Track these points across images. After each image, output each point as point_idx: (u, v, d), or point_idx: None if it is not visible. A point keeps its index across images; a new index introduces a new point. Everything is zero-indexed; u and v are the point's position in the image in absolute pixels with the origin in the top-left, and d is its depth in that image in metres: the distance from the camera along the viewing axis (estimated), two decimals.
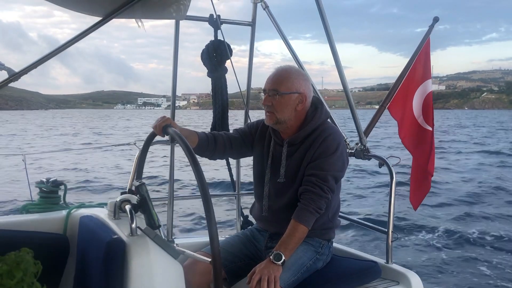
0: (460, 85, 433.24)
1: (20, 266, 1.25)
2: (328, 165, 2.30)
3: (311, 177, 2.29)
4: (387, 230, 2.67)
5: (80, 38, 2.28)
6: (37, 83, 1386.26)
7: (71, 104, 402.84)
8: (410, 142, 3.26)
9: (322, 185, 2.26)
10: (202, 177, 1.65)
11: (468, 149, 25.13)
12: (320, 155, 2.31)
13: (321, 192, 2.26)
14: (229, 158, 2.92)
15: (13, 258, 1.24)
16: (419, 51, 3.30)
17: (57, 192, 2.55)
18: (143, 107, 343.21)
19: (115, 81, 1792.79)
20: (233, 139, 2.55)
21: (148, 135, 2.28)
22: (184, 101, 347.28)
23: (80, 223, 2.10)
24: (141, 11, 2.27)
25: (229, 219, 7.29)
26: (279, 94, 2.33)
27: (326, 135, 2.35)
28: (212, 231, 1.58)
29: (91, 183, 13.24)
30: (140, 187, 1.89)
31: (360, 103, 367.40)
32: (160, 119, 2.21)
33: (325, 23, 2.81)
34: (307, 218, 2.23)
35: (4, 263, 1.23)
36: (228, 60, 2.99)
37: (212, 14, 2.91)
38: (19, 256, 1.26)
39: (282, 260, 2.13)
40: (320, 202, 2.25)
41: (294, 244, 2.21)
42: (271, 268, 2.11)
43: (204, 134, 2.48)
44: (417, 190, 3.33)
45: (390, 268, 2.61)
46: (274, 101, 2.34)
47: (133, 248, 1.74)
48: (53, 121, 78.23)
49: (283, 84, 2.34)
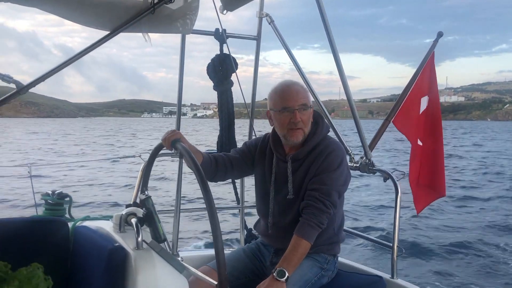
0: (475, 96, 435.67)
1: (31, 282, 1.25)
2: (331, 180, 2.30)
3: (314, 191, 2.28)
4: (392, 245, 2.65)
5: (88, 52, 2.30)
6: (52, 91, 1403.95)
7: (99, 113, 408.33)
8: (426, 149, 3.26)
9: (324, 200, 2.26)
10: (209, 193, 1.65)
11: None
12: (323, 170, 2.32)
13: (323, 207, 2.25)
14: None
15: (24, 274, 1.24)
16: (423, 64, 3.30)
17: (62, 204, 2.55)
18: (169, 115, 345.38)
19: (129, 90, 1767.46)
20: (234, 159, 2.55)
21: (154, 147, 2.28)
22: (210, 111, 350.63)
23: (85, 235, 2.10)
24: (148, 26, 2.29)
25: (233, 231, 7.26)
26: (308, 108, 2.36)
27: (329, 151, 2.36)
28: (217, 243, 1.57)
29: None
30: (146, 200, 1.89)
31: (380, 113, 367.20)
32: (170, 132, 2.21)
33: (329, 34, 2.81)
34: (309, 233, 2.22)
35: (16, 279, 1.23)
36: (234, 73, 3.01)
37: (217, 28, 2.93)
38: (31, 271, 1.26)
39: (286, 277, 2.12)
40: (321, 217, 2.25)
41: (297, 260, 2.20)
42: (274, 286, 2.10)
43: (207, 155, 2.48)
44: (419, 197, 3.31)
45: (395, 283, 2.58)
46: (304, 117, 2.35)
47: (138, 262, 1.73)
48: (119, 127, 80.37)
49: (307, 97, 2.37)
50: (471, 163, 24.06)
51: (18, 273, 1.26)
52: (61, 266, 2.10)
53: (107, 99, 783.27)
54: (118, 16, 2.24)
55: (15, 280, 1.25)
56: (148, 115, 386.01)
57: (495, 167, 22.06)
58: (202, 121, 35.27)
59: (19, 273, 1.26)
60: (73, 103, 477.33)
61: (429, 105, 3.34)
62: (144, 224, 1.86)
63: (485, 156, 28.16)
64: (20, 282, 1.25)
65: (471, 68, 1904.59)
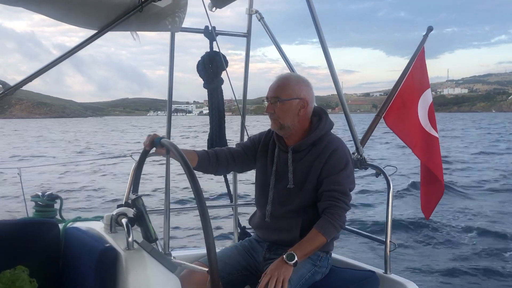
0: (477, 88, 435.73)
1: (15, 284, 1.24)
2: (344, 179, 2.38)
3: (333, 192, 2.34)
4: (385, 240, 2.66)
5: (75, 52, 2.28)
6: (54, 91, 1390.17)
7: (105, 112, 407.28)
8: (421, 150, 3.27)
9: (345, 199, 2.35)
10: (198, 187, 1.66)
11: None
12: (333, 169, 2.37)
13: (345, 206, 2.35)
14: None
15: (8, 277, 1.23)
16: (414, 60, 3.31)
17: (53, 205, 2.53)
18: (175, 113, 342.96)
19: (129, 88, 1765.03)
20: (235, 152, 2.61)
21: (142, 152, 2.28)
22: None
23: (76, 236, 2.09)
24: (136, 24, 2.27)
25: (226, 230, 7.26)
26: (280, 101, 2.41)
27: (334, 148, 2.40)
28: (209, 241, 1.59)
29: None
30: (137, 200, 1.88)
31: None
32: (149, 136, 2.25)
33: (318, 29, 2.78)
34: (330, 231, 2.31)
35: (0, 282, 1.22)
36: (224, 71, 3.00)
37: (207, 25, 2.92)
38: (15, 274, 1.25)
39: (295, 261, 2.19)
40: (344, 217, 2.36)
41: (310, 250, 2.29)
42: (282, 268, 2.18)
43: (205, 151, 2.56)
44: (428, 198, 3.34)
45: (388, 278, 2.59)
46: (276, 108, 2.42)
47: (129, 262, 1.73)
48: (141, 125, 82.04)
49: (284, 91, 2.42)
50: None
51: (2, 276, 1.25)
52: (52, 267, 2.09)
53: (110, 98, 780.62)
54: (106, 15, 2.22)
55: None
56: (153, 114, 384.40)
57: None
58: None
59: (3, 276, 1.25)
60: (79, 103, 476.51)
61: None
62: (135, 224, 1.86)
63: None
64: (3, 284, 1.24)
65: (471, 60, 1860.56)
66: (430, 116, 3.36)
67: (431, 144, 3.31)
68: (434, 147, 3.30)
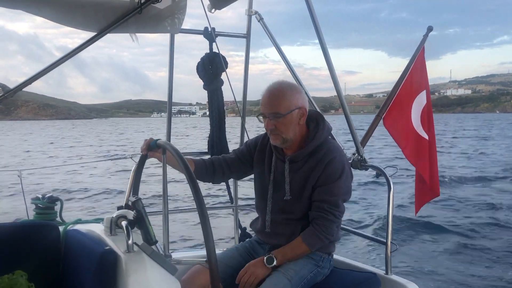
0: (480, 88, 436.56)
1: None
2: (337, 190, 2.34)
3: (323, 203, 2.32)
4: (386, 241, 2.65)
5: (74, 54, 2.28)
6: (56, 93, 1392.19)
7: (109, 113, 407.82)
8: (411, 152, 3.26)
9: (334, 211, 2.32)
10: (197, 187, 1.66)
11: None
12: (327, 179, 2.33)
13: (334, 218, 2.32)
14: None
15: (6, 282, 1.22)
16: (414, 60, 3.30)
17: (53, 208, 2.52)
18: (179, 115, 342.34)
19: (132, 90, 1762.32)
20: (230, 160, 2.58)
21: (139, 158, 2.28)
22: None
23: (76, 239, 2.08)
24: (135, 26, 2.27)
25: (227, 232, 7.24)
26: (281, 116, 2.31)
27: (331, 157, 2.34)
28: (209, 242, 1.58)
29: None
30: (137, 203, 1.88)
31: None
32: (148, 139, 2.23)
33: (318, 30, 2.77)
34: (314, 242, 2.32)
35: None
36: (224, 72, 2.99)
37: (206, 27, 2.92)
38: (13, 279, 1.25)
39: (273, 265, 2.27)
40: (332, 228, 2.33)
41: (291, 257, 2.32)
42: (258, 268, 2.28)
43: (202, 160, 2.55)
44: (419, 197, 3.34)
45: (389, 279, 2.58)
46: (277, 124, 2.32)
47: (129, 265, 1.72)
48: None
49: (281, 104, 2.31)
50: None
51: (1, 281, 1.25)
52: (53, 270, 2.09)
53: (113, 100, 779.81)
54: (105, 17, 2.22)
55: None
56: (157, 115, 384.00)
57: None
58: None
59: (1, 281, 1.24)
60: (83, 104, 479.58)
61: (427, 99, 3.37)
62: (135, 227, 1.85)
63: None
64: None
65: (473, 61, 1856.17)
66: (423, 117, 3.32)
67: (420, 146, 3.30)
68: (423, 149, 3.29)
